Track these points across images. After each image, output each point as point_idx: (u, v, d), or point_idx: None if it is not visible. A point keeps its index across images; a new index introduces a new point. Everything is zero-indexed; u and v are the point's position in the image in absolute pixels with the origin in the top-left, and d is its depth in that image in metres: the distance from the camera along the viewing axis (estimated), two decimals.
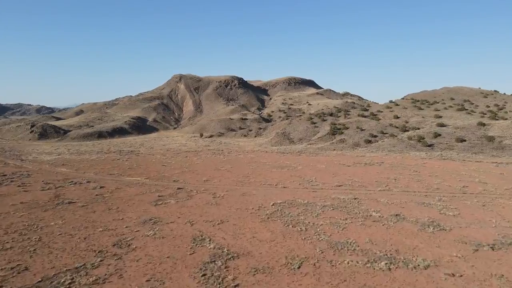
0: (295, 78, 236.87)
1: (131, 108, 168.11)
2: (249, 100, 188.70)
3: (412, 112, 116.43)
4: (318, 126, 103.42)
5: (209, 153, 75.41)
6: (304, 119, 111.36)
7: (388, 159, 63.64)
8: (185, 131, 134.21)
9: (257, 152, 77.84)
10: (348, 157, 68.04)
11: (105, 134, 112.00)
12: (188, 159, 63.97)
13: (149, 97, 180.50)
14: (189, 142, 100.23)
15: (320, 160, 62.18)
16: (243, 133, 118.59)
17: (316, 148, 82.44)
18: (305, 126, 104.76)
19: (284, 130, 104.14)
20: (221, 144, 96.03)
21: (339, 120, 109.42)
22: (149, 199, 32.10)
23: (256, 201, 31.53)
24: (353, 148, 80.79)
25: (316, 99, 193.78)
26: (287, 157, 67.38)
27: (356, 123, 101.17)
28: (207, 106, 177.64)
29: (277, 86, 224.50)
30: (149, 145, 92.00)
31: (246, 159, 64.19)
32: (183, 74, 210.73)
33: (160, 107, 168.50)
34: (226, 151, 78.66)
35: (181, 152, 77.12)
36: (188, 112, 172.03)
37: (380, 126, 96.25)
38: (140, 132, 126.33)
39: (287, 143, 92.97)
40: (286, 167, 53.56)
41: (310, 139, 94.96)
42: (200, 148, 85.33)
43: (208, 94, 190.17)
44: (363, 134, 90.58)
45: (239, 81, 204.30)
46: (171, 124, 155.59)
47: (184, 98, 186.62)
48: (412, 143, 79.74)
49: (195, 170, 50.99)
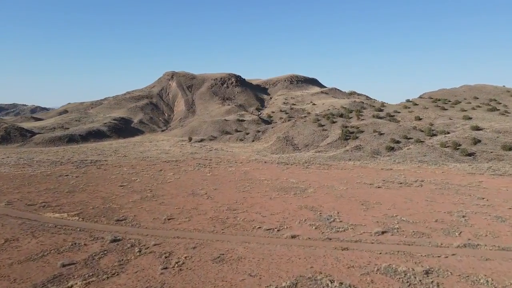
0: (297, 76, 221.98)
1: (116, 108, 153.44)
2: (247, 100, 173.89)
3: (435, 112, 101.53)
4: (326, 130, 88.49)
5: (192, 164, 60.49)
6: (310, 121, 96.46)
7: (427, 175, 48.63)
8: (174, 134, 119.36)
9: (254, 162, 62.95)
10: (371, 170, 53.06)
11: (77, 138, 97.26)
12: (161, 175, 49.04)
13: (137, 96, 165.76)
14: (174, 148, 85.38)
15: (337, 176, 47.21)
16: (239, 137, 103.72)
17: (327, 157, 67.52)
18: (311, 129, 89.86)
19: (286, 134, 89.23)
20: (211, 151, 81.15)
21: (351, 122, 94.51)
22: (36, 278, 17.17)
23: (240, 283, 16.59)
24: (373, 157, 65.89)
25: (321, 99, 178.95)
26: (291, 171, 52.45)
27: (372, 125, 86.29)
28: (201, 106, 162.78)
29: (278, 84, 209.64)
30: (124, 152, 77.19)
31: (238, 175, 49.27)
32: (176, 72, 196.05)
33: (148, 107, 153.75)
34: (215, 161, 63.73)
35: (158, 162, 62.22)
36: (179, 113, 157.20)
37: (401, 130, 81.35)
38: (121, 135, 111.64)
39: (291, 149, 78.05)
40: (291, 189, 38.63)
41: (318, 145, 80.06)
42: (184, 157, 70.46)
43: (202, 93, 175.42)
44: (383, 140, 75.66)
45: (236, 79, 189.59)
46: (159, 126, 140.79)
47: (175, 97, 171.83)
48: (448, 152, 64.78)
49: (161, 195, 36.06)
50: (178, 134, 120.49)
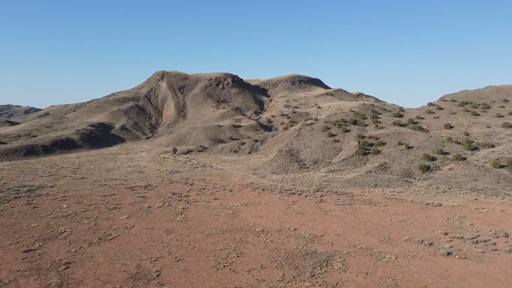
0: (299, 76, 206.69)
1: (98, 111, 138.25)
2: (244, 102, 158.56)
3: (466, 118, 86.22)
4: (339, 141, 73.08)
5: (165, 193, 45.11)
6: (318, 129, 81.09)
7: (502, 219, 33.22)
8: (158, 143, 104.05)
9: (249, 190, 47.56)
10: (413, 207, 37.63)
11: (38, 149, 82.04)
12: (109, 218, 33.66)
13: (122, 98, 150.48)
14: (152, 164, 70.03)
15: (369, 223, 31.75)
16: (233, 148, 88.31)
17: (344, 181, 52.14)
18: (320, 140, 74.47)
19: (290, 145, 73.85)
20: (197, 169, 65.79)
21: (367, 130, 79.11)
22: None
23: None
24: (406, 182, 50.50)
25: (326, 101, 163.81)
26: (300, 209, 37.08)
27: (396, 136, 70.99)
28: (193, 109, 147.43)
29: (279, 85, 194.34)
30: (87, 171, 61.82)
31: (222, 218, 33.91)
32: (167, 71, 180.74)
33: (133, 111, 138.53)
34: (197, 188, 48.32)
35: (120, 190, 46.79)
36: (168, 117, 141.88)
37: (433, 142, 66.02)
38: (95, 144, 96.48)
39: (296, 167, 62.60)
40: (305, 260, 23.25)
41: (330, 161, 64.64)
42: (159, 179, 55.09)
43: (195, 95, 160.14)
44: (413, 155, 60.28)
45: (233, 79, 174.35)
46: (145, 132, 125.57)
47: (165, 99, 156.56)
48: (507, 175, 49.44)
49: (77, 282, 20.69)
50: (164, 143, 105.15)
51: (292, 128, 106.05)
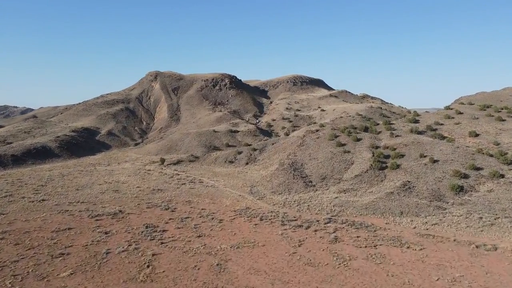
0: (301, 77, 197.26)
1: (84, 115, 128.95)
2: (243, 104, 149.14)
3: (492, 125, 76.79)
4: (349, 151, 63.62)
5: (136, 223, 35.76)
6: (324, 138, 71.66)
7: None
8: (146, 151, 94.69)
9: (243, 219, 38.18)
10: (461, 254, 28.16)
11: (6, 160, 72.65)
12: (35, 278, 24.30)
13: (111, 100, 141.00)
14: (133, 179, 60.64)
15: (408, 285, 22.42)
16: (229, 158, 78.86)
17: (361, 206, 42.72)
18: (328, 150, 65.01)
19: (293, 157, 64.37)
20: (183, 185, 56.40)
21: (381, 139, 69.68)
22: None
23: None
24: (437, 208, 41.10)
25: (330, 103, 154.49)
26: (310, 253, 27.66)
27: (415, 146, 61.57)
28: (187, 112, 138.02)
29: (280, 86, 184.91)
30: (52, 189, 52.47)
31: (201, 277, 24.47)
32: (161, 71, 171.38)
33: (122, 114, 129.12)
34: (178, 215, 38.94)
35: (82, 218, 37.43)
36: (161, 121, 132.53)
37: (461, 154, 56.58)
38: (75, 153, 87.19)
39: (301, 185, 53.13)
40: None
41: (341, 177, 55.15)
42: (137, 201, 45.73)
43: (190, 97, 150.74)
44: (440, 171, 50.84)
45: (231, 80, 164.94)
46: (134, 137, 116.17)
47: (158, 101, 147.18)
48: None
49: None
50: (153, 150, 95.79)
51: (294, 135, 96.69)
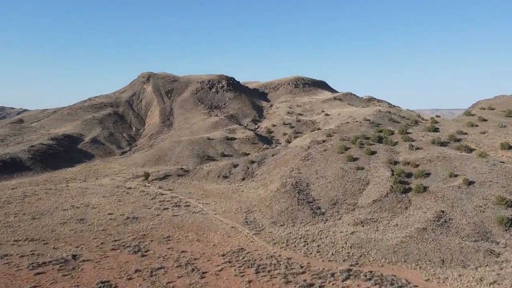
0: (303, 79, 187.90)
1: (69, 120, 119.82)
2: (241, 108, 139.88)
3: None
4: (363, 168, 54.30)
5: (88, 279, 26.51)
6: (332, 150, 62.35)
7: None
8: (132, 162, 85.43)
9: (232, 268, 28.91)
10: None
11: None
12: None
13: (99, 104, 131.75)
14: (107, 201, 51.37)
15: None
16: (223, 171, 69.56)
17: (387, 248, 33.38)
18: (337, 166, 55.69)
19: (297, 174, 55.03)
20: (166, 210, 47.15)
21: (399, 152, 60.32)
22: None
23: None
24: (489, 253, 31.83)
25: (334, 107, 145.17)
26: None
27: (442, 162, 52.27)
28: (181, 117, 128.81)
29: (280, 88, 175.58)
30: (7, 217, 43.29)
31: None
32: (154, 73, 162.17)
33: (110, 119, 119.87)
34: (146, 271, 29.67)
35: (9, 279, 28.19)
36: (152, 126, 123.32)
37: (501, 173, 47.21)
38: (50, 165, 78.04)
39: (307, 213, 43.79)
40: None
41: (356, 202, 45.81)
42: (99, 239, 36.53)
43: (184, 100, 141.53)
44: (480, 198, 41.50)
45: (228, 82, 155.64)
46: (121, 145, 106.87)
47: (149, 105, 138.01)
48: None
49: None
50: (139, 161, 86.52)
51: (297, 145, 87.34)
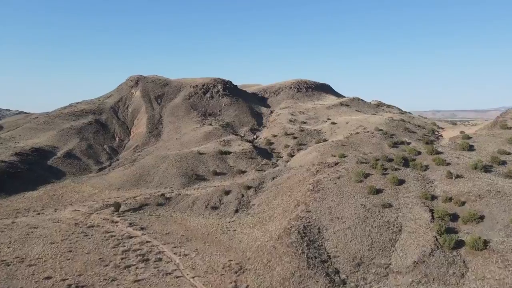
0: (306, 82, 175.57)
1: (44, 129, 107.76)
2: (238, 116, 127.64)
3: None
4: (390, 205, 42.03)
5: None
6: (348, 176, 50.06)
7: None
8: (108, 183, 73.18)
9: None
10: None
11: None
12: None
13: (80, 110, 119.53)
14: (52, 253, 39.16)
15: None
16: (211, 200, 57.25)
17: None
18: (356, 201, 43.39)
19: (305, 214, 42.63)
20: (126, 271, 34.84)
21: (432, 180, 47.92)
22: None
23: None
24: None
25: (341, 114, 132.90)
26: None
27: (496, 199, 39.93)
28: (170, 126, 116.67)
29: (281, 93, 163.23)
30: None
31: None
32: (144, 76, 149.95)
33: (90, 129, 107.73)
34: None
35: None
36: (138, 137, 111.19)
37: None
38: (4, 189, 65.57)
39: (322, 282, 31.41)
40: None
41: (389, 263, 33.42)
42: None
43: (176, 106, 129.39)
44: None
45: (224, 86, 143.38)
46: (100, 159, 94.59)
47: (136, 112, 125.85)
48: None
49: None
50: (116, 181, 74.24)
51: (303, 164, 74.90)
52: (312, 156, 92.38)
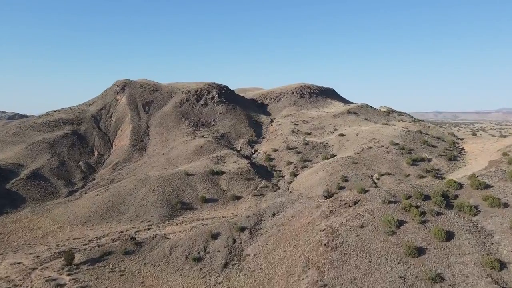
0: (309, 87, 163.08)
1: (13, 142, 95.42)
2: (234, 125, 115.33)
3: None
4: (442, 277, 29.71)
5: None
6: (375, 226, 37.75)
7: None
8: (72, 215, 60.78)
9: None
10: None
11: None
12: None
13: (56, 120, 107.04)
14: None
15: None
16: (193, 251, 44.81)
17: None
18: (392, 272, 30.99)
19: (320, 285, 30.22)
20: None
21: (490, 233, 35.61)
22: None
23: None
24: None
25: (349, 123, 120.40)
26: None
27: None
28: (158, 138, 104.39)
29: (283, 99, 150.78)
30: None
31: None
32: (132, 80, 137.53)
33: (65, 142, 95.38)
34: None
35: None
36: (119, 151, 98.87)
37: None
38: None
39: None
40: None
41: None
42: None
43: (165, 115, 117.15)
44: None
45: (220, 92, 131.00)
46: (73, 180, 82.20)
47: (121, 122, 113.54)
48: None
49: None
50: (82, 213, 61.73)
51: (311, 195, 62.37)
52: (319, 176, 79.98)
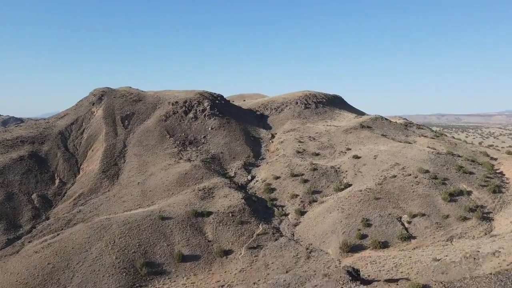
0: (315, 96, 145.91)
1: None
2: (228, 144, 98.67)
3: None
4: None
5: None
6: None
7: None
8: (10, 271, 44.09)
9: None
10: None
11: None
12: None
13: (14, 138, 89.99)
14: None
15: None
16: None
17: None
18: None
19: None
20: None
21: None
22: None
23: None
24: None
25: (364, 141, 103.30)
26: None
27: None
28: (135, 161, 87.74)
29: (285, 109, 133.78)
30: None
31: None
32: (112, 89, 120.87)
33: (18, 168, 78.59)
34: None
35: None
36: (86, 178, 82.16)
37: None
38: None
39: None
40: None
41: None
42: None
43: (147, 131, 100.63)
44: None
45: (213, 102, 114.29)
46: (18, 221, 65.24)
47: (93, 139, 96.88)
48: None
49: None
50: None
51: (320, 234, 45.24)
52: (333, 219, 62.93)
